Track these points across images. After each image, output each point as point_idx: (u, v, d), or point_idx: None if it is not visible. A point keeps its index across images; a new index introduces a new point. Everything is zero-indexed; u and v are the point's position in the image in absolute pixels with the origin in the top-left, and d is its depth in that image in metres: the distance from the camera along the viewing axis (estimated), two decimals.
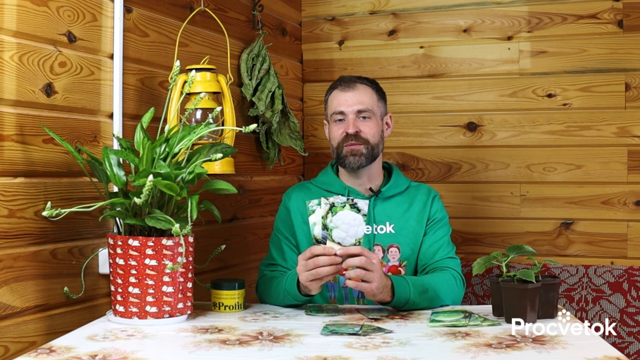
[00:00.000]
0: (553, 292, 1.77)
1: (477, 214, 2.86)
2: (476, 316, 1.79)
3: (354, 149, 2.11)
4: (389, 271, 2.12)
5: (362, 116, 2.13)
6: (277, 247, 2.18)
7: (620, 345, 2.38)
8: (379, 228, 2.13)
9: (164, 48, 2.18)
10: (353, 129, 2.11)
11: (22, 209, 1.69)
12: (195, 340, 1.59)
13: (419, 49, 2.94)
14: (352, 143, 2.11)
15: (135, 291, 1.69)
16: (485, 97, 2.85)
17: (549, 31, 2.77)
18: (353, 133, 2.11)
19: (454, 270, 2.08)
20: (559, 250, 2.75)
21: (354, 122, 2.12)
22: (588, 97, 2.73)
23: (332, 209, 1.80)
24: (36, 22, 1.73)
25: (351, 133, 2.11)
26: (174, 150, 1.76)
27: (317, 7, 3.07)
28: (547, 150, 2.78)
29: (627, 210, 2.69)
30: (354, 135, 2.11)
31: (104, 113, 1.94)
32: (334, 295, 2.14)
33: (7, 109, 1.66)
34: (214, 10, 2.36)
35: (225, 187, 1.78)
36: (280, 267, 2.14)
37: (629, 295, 2.44)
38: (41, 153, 1.75)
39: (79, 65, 1.86)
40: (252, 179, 2.67)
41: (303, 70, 3.09)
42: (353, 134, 2.11)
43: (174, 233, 1.63)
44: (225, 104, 2.21)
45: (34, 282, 1.72)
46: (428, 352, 1.50)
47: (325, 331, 1.66)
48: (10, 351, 1.64)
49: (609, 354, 1.44)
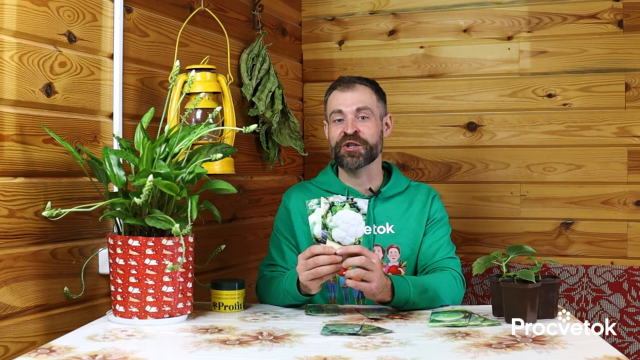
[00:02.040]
0: (553, 292, 1.77)
1: (477, 214, 2.86)
2: (476, 316, 1.79)
3: (352, 150, 2.10)
4: (389, 271, 2.12)
5: (361, 116, 2.12)
6: (276, 247, 2.18)
7: (620, 345, 2.38)
8: (378, 228, 2.13)
9: (164, 48, 2.18)
10: (352, 128, 2.10)
11: (22, 209, 1.69)
12: (195, 340, 1.59)
13: (419, 49, 2.94)
14: (350, 143, 2.10)
15: (135, 291, 1.69)
16: (485, 97, 2.85)
17: (549, 31, 2.77)
18: (351, 133, 2.10)
19: (454, 270, 2.07)
20: (559, 250, 2.75)
21: (352, 122, 2.11)
22: (588, 97, 2.73)
23: (332, 208, 1.81)
24: (36, 22, 1.73)
25: (349, 133, 2.10)
26: (174, 150, 1.76)
27: (317, 7, 3.07)
28: (547, 150, 2.78)
29: (627, 210, 2.69)
30: (353, 135, 2.10)
31: (104, 113, 1.94)
32: (334, 296, 2.14)
33: (7, 109, 1.66)
34: (214, 10, 2.36)
35: (225, 187, 1.78)
36: (280, 268, 2.14)
37: (629, 295, 2.44)
38: (41, 153, 1.75)
39: (79, 65, 1.86)
40: (252, 179, 2.67)
41: (303, 70, 3.09)
42: (351, 134, 2.10)
43: (174, 233, 1.63)
44: (225, 104, 2.21)
45: (34, 282, 1.72)
46: (428, 352, 1.50)
47: (325, 331, 1.66)
48: (10, 351, 1.64)
49: (609, 354, 1.44)
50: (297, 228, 2.16)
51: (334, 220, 1.80)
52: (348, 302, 2.12)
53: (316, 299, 2.08)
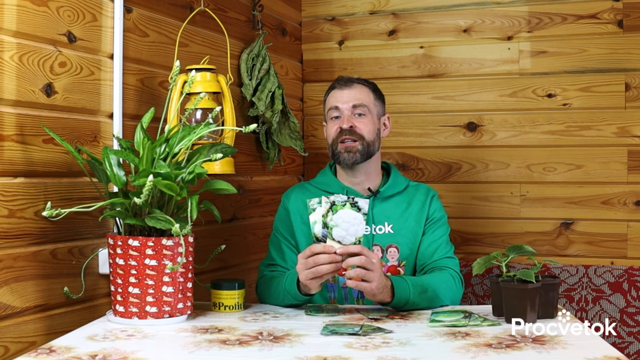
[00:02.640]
0: (553, 292, 1.77)
1: (477, 214, 2.86)
2: (476, 316, 1.79)
3: (349, 146, 2.11)
4: (388, 271, 2.12)
5: (357, 112, 2.13)
6: (276, 247, 2.18)
7: (620, 345, 2.38)
8: (377, 228, 2.13)
9: (164, 48, 2.18)
10: (347, 123, 2.11)
11: (22, 209, 1.69)
12: (195, 340, 1.59)
13: (419, 49, 2.94)
14: (346, 139, 2.10)
15: (135, 291, 1.69)
16: (485, 97, 2.85)
17: (549, 31, 2.77)
18: (347, 128, 2.11)
19: (453, 270, 2.07)
20: (559, 250, 2.75)
21: (348, 118, 2.12)
22: (588, 97, 2.73)
23: (333, 208, 1.81)
24: (36, 22, 1.73)
25: (345, 128, 2.11)
26: (174, 150, 1.76)
27: (317, 7, 3.07)
28: (547, 150, 2.78)
29: (627, 210, 2.69)
30: (349, 130, 2.11)
31: (104, 113, 1.94)
32: (333, 296, 2.14)
33: (7, 109, 1.66)
34: (214, 10, 2.36)
35: (225, 187, 1.78)
36: (280, 268, 2.14)
37: (629, 295, 2.44)
38: (41, 153, 1.75)
39: (79, 65, 1.86)
40: (252, 179, 2.67)
41: (303, 70, 3.09)
42: (347, 129, 2.11)
43: (174, 233, 1.63)
44: (225, 104, 2.21)
45: (34, 282, 1.72)
46: (428, 352, 1.50)
47: (325, 331, 1.66)
48: (10, 351, 1.64)
49: (609, 354, 1.44)
50: (296, 228, 2.17)
51: (334, 219, 1.80)
52: (347, 302, 2.12)
53: (316, 299, 2.08)
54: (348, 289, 2.11)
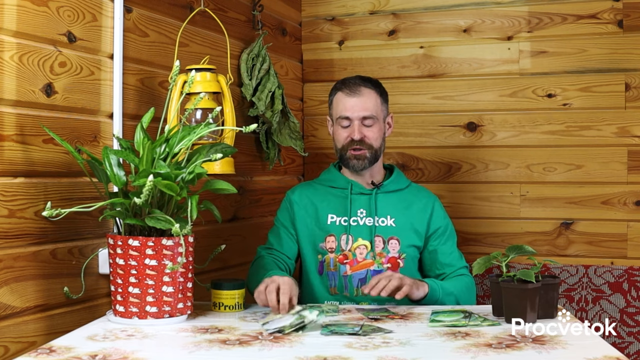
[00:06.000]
0: (553, 292, 1.77)
1: (477, 214, 2.86)
2: (476, 316, 1.79)
3: (359, 154, 2.20)
4: (388, 262, 2.18)
5: (367, 123, 2.21)
6: (275, 234, 2.26)
7: (620, 345, 2.38)
8: (380, 220, 2.21)
9: (164, 48, 2.18)
10: (358, 135, 2.19)
11: (22, 209, 1.69)
12: (195, 340, 1.59)
13: (419, 49, 2.94)
14: (357, 148, 2.20)
15: (135, 291, 1.69)
16: (485, 97, 2.85)
17: (549, 31, 2.77)
18: (358, 139, 2.19)
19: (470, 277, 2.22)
20: (559, 250, 2.75)
21: (359, 129, 2.20)
22: (588, 97, 2.73)
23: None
24: (36, 22, 1.73)
25: (356, 139, 2.19)
26: (174, 150, 1.76)
27: (317, 7, 3.07)
28: (547, 150, 2.77)
29: (627, 210, 2.69)
30: (359, 140, 2.19)
31: (104, 113, 1.94)
32: (334, 284, 2.19)
33: (7, 109, 1.66)
34: (214, 10, 2.36)
35: (225, 187, 1.78)
36: (276, 252, 2.21)
37: (629, 295, 2.44)
38: (41, 153, 1.75)
39: (79, 65, 1.86)
40: (252, 179, 2.67)
41: (303, 70, 3.09)
42: (358, 140, 2.19)
43: (174, 233, 1.63)
44: (225, 104, 2.21)
45: (34, 282, 1.72)
46: (428, 352, 1.50)
47: (325, 331, 1.66)
48: (10, 351, 1.64)
49: (609, 354, 1.44)
50: (298, 219, 2.24)
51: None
52: (347, 291, 2.17)
53: (316, 287, 2.17)
54: (348, 277, 2.18)
